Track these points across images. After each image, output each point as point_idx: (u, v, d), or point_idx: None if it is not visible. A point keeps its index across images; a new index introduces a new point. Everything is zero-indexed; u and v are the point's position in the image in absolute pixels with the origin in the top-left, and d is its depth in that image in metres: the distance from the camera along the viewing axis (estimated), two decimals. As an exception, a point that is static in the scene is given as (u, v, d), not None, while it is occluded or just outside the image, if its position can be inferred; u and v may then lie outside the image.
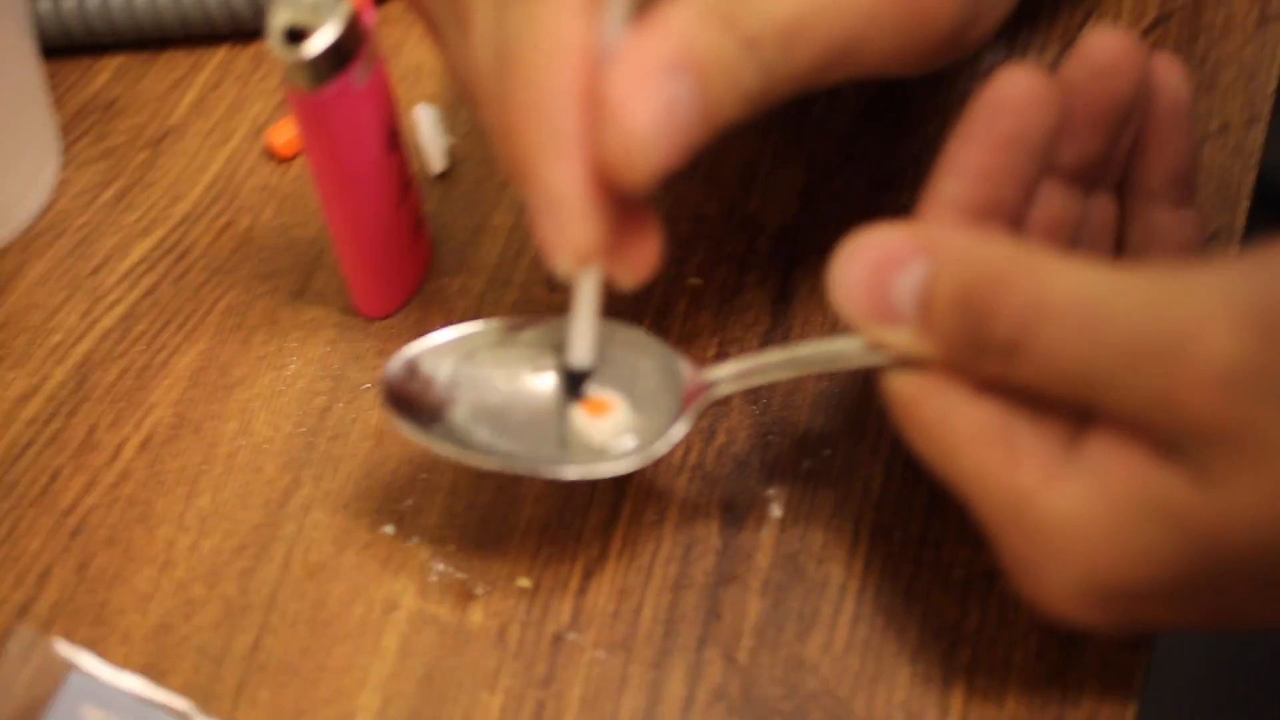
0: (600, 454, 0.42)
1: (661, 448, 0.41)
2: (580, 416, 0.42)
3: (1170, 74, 0.43)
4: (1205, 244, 0.44)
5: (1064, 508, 0.35)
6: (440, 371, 0.43)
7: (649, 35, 0.35)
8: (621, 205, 0.38)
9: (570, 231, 0.36)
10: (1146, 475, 0.34)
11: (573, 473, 0.41)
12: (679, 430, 0.41)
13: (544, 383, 0.43)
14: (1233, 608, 0.36)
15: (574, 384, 0.42)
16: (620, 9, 0.35)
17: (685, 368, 0.42)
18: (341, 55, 0.41)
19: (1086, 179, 0.42)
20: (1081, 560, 0.35)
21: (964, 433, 0.37)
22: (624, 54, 0.35)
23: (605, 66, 0.35)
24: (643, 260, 0.39)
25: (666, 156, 0.35)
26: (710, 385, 0.41)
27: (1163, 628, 0.39)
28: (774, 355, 0.41)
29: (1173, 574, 0.34)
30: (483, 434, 0.42)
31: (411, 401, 0.42)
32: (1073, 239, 0.42)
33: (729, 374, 0.41)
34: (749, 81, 0.36)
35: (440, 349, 0.43)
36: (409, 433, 0.41)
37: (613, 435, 0.42)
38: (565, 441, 0.42)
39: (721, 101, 0.36)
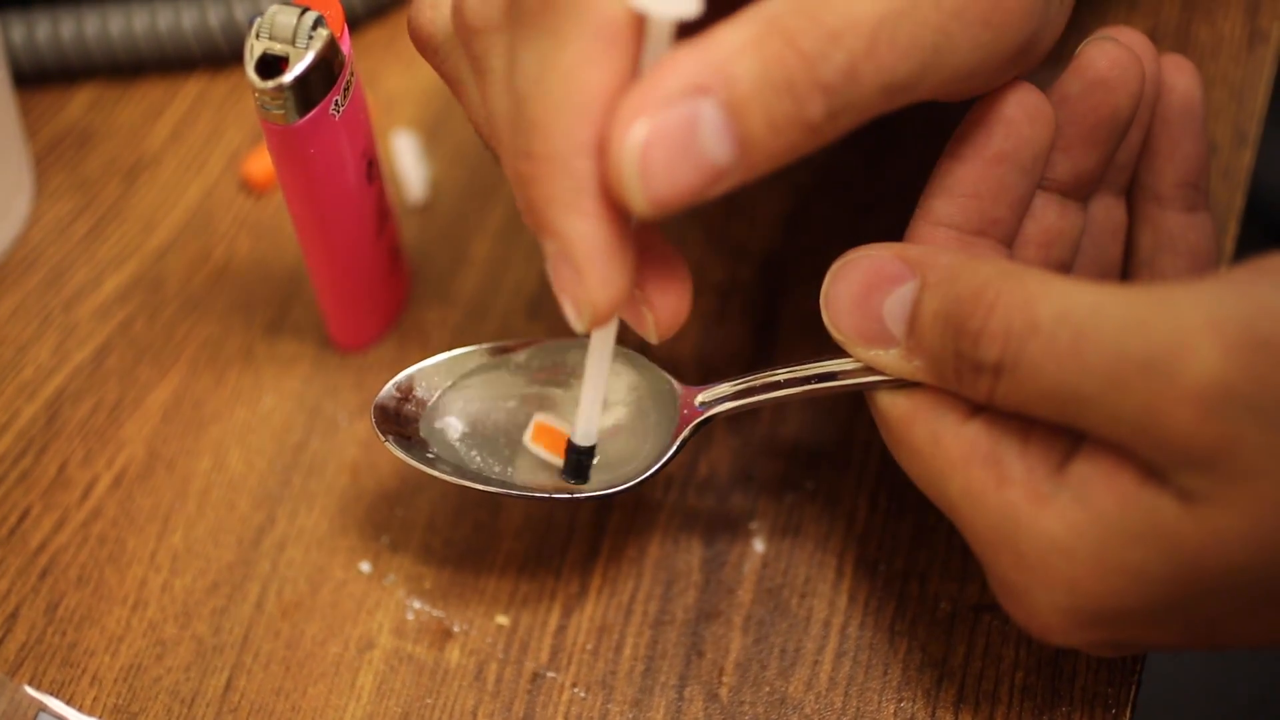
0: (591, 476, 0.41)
1: (656, 470, 0.41)
2: (535, 447, 0.42)
3: (1182, 75, 0.42)
4: (1219, 248, 0.43)
5: (1051, 529, 0.35)
6: (433, 394, 0.42)
7: (681, 56, 0.33)
8: (648, 256, 0.37)
9: (590, 284, 0.34)
10: (1133, 497, 0.34)
11: (566, 494, 0.41)
12: (673, 453, 0.41)
13: (536, 406, 0.42)
14: (1220, 628, 0.35)
15: (578, 460, 0.41)
16: (659, 39, 0.33)
17: (678, 390, 0.41)
18: (318, 85, 0.41)
19: (1083, 191, 0.41)
20: (1068, 582, 0.35)
21: (953, 454, 0.36)
22: (648, 75, 0.33)
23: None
24: (671, 309, 0.38)
25: (677, 184, 0.33)
26: (704, 408, 0.41)
27: (1151, 648, 0.39)
28: (766, 377, 0.40)
29: (1160, 595, 0.34)
30: (475, 458, 0.41)
31: (404, 425, 0.41)
32: (1072, 250, 0.42)
33: (720, 396, 0.41)
34: (811, 109, 0.33)
35: (433, 371, 0.42)
36: (402, 456, 0.41)
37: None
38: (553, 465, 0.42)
39: (767, 130, 0.33)
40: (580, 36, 0.33)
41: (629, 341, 0.47)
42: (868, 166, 0.52)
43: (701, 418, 0.41)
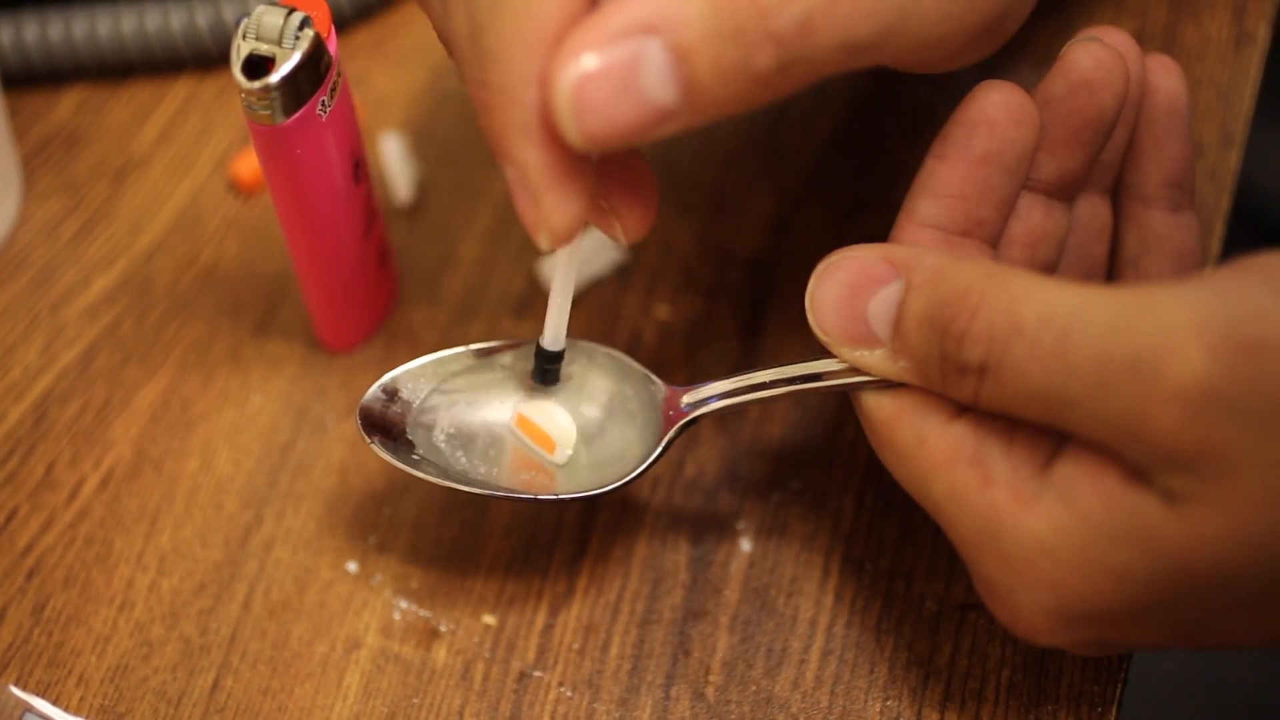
0: (577, 477, 0.41)
1: (642, 471, 0.41)
2: (526, 442, 0.42)
3: (1167, 75, 0.42)
4: (1204, 249, 0.43)
5: (1035, 530, 0.35)
6: (418, 396, 0.42)
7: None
8: (616, 166, 0.38)
9: (546, 210, 0.35)
10: (1117, 497, 0.34)
11: (551, 496, 0.41)
12: (659, 454, 0.41)
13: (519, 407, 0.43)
14: (1205, 628, 0.35)
15: (544, 366, 0.42)
16: None
17: (663, 391, 0.41)
18: (305, 85, 0.41)
19: (1068, 191, 0.41)
20: (1052, 582, 0.35)
21: (938, 455, 0.37)
22: (598, 12, 0.33)
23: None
24: (638, 218, 0.39)
25: (614, 121, 0.33)
26: (688, 409, 0.41)
27: (1136, 648, 0.39)
28: (751, 378, 0.40)
29: (1143, 596, 0.34)
30: (461, 459, 0.42)
31: (389, 427, 0.41)
32: (1057, 251, 0.42)
33: (706, 397, 0.41)
34: (760, 59, 0.33)
35: (418, 373, 0.42)
36: (387, 458, 0.41)
37: (560, 457, 0.42)
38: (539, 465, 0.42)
39: (713, 76, 0.33)
40: None
41: (615, 342, 0.47)
42: (855, 169, 0.52)
43: (688, 418, 0.41)
